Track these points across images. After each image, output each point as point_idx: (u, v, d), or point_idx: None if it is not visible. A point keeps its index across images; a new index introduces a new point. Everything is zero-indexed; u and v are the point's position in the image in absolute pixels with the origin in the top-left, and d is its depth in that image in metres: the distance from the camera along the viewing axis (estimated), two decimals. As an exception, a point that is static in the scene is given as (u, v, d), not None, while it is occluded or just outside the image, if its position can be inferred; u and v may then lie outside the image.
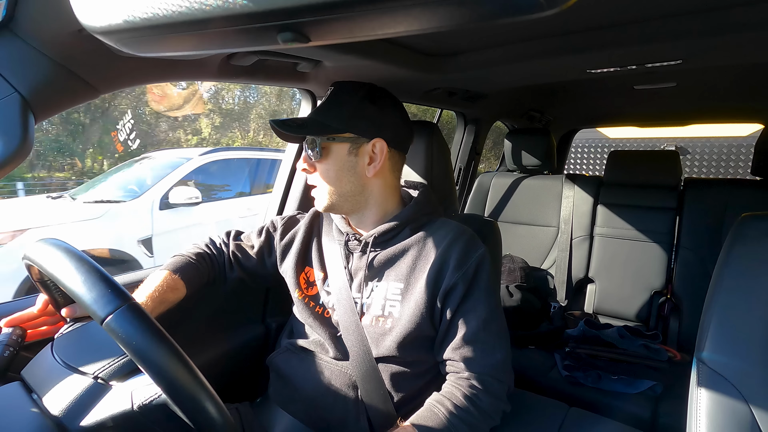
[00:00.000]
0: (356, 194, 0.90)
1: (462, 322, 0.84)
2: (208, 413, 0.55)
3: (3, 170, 0.61)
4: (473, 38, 1.03)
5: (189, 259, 0.97)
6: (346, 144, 0.87)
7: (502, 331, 0.88)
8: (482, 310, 0.85)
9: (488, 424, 0.84)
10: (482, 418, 0.82)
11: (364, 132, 0.87)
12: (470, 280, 0.85)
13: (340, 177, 0.88)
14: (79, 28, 0.60)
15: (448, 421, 0.79)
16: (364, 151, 0.88)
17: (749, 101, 1.98)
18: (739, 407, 0.66)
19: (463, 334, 0.84)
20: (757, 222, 0.75)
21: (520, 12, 0.36)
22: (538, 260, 2.05)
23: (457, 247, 0.87)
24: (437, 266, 0.86)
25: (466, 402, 0.81)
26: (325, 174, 0.88)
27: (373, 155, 0.88)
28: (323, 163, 0.88)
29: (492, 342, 0.85)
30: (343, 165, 0.88)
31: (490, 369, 0.84)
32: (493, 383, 0.83)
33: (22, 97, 0.63)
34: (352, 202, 0.91)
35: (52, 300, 0.78)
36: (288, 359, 0.97)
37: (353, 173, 0.88)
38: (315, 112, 0.90)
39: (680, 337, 1.66)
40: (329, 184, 0.89)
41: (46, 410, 0.61)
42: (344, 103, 0.87)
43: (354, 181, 0.89)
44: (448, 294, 0.85)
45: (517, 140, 2.18)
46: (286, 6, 0.38)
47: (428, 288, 0.85)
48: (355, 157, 0.88)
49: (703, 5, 0.78)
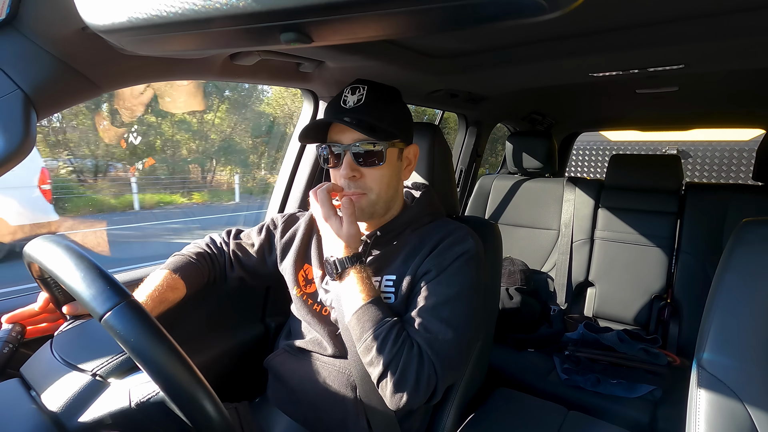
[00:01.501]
0: (394, 198, 0.92)
1: (424, 296, 0.81)
2: (206, 411, 0.55)
3: (5, 167, 0.62)
4: (476, 40, 1.03)
5: (189, 258, 0.97)
6: (396, 149, 0.88)
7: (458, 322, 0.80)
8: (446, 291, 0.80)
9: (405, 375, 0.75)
10: (406, 361, 0.75)
11: (408, 137, 0.91)
12: (444, 267, 0.83)
13: (391, 182, 0.88)
14: (83, 26, 0.60)
15: (381, 331, 0.75)
16: (405, 155, 0.91)
17: (751, 106, 1.98)
18: (738, 412, 0.66)
19: (422, 306, 0.80)
20: (758, 227, 0.75)
21: (522, 15, 0.36)
22: (538, 263, 2.05)
23: (446, 240, 0.88)
24: (423, 255, 0.87)
25: (406, 338, 0.76)
26: (379, 180, 0.86)
27: (408, 160, 0.92)
28: (380, 168, 0.85)
29: (446, 324, 0.78)
30: (394, 170, 0.89)
31: (440, 344, 0.77)
32: (434, 359, 0.76)
33: (25, 94, 0.63)
34: (388, 206, 0.92)
35: (53, 297, 0.78)
36: (286, 360, 0.97)
37: (398, 178, 0.91)
38: (361, 112, 0.83)
39: (680, 342, 1.65)
40: (381, 190, 0.87)
41: (44, 407, 0.61)
42: (390, 107, 0.88)
43: (397, 186, 0.91)
44: (421, 278, 0.84)
45: (518, 143, 2.18)
46: (289, 6, 0.39)
47: (410, 274, 0.86)
48: (400, 162, 0.90)
49: (705, 10, 0.78)
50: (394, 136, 0.86)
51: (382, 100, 0.86)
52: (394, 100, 0.90)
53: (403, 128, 0.89)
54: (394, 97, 0.90)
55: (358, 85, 0.87)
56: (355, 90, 0.86)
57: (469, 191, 2.28)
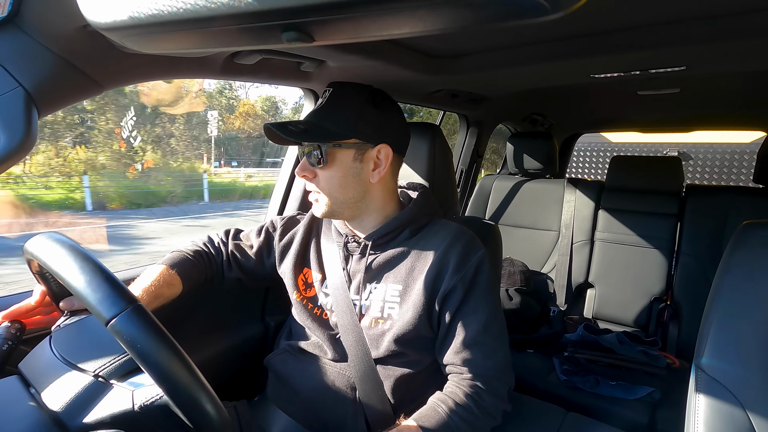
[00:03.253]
0: (358, 201, 0.88)
1: (462, 325, 0.84)
2: (207, 412, 0.55)
3: (6, 164, 0.62)
4: (477, 41, 1.03)
5: (187, 255, 0.96)
6: (351, 150, 0.85)
7: (501, 331, 0.88)
8: (482, 313, 0.85)
9: (490, 423, 0.84)
10: (484, 417, 0.82)
11: (369, 137, 0.85)
12: (469, 283, 0.85)
13: (343, 184, 0.86)
14: (84, 24, 0.60)
15: (450, 419, 0.79)
16: (369, 156, 0.86)
17: (753, 108, 1.97)
18: (737, 415, 0.66)
19: (464, 337, 0.84)
20: (759, 230, 0.75)
21: (524, 15, 0.36)
22: (538, 264, 2.05)
23: (456, 249, 0.87)
24: (436, 268, 0.86)
25: (468, 401, 0.81)
26: (328, 181, 0.85)
27: (377, 161, 0.87)
28: (327, 169, 0.85)
29: (492, 344, 0.85)
30: (347, 171, 0.85)
31: (492, 370, 0.84)
32: (495, 383, 0.84)
33: (26, 92, 0.63)
34: (353, 208, 0.89)
35: (50, 291, 0.78)
36: (286, 360, 0.97)
37: (358, 180, 0.86)
38: (316, 115, 0.86)
39: (679, 344, 1.65)
40: (332, 191, 0.86)
41: (45, 405, 0.61)
42: (348, 106, 0.85)
43: (357, 188, 0.87)
44: (447, 297, 0.85)
45: (519, 143, 2.18)
46: (290, 5, 0.38)
47: (426, 290, 0.85)
48: (360, 163, 0.86)
49: (708, 12, 0.78)
50: (340, 136, 0.83)
51: (339, 99, 0.85)
52: (354, 98, 0.85)
53: (357, 127, 0.84)
54: (355, 95, 0.85)
55: (328, 88, 0.87)
56: (325, 93, 0.87)
57: (469, 192, 2.28)
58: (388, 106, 0.89)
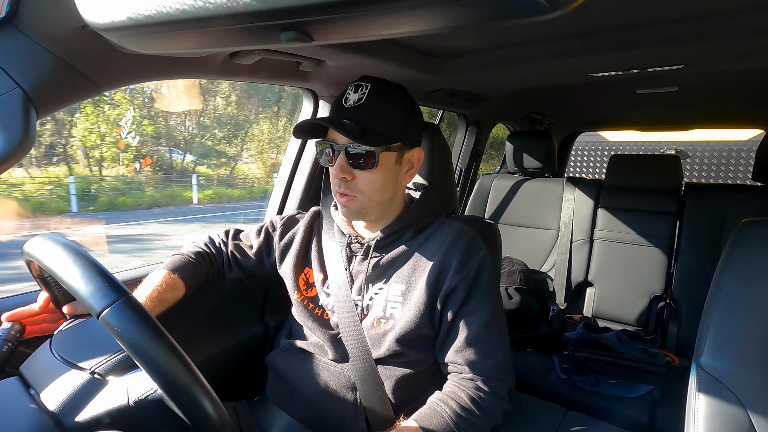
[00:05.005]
0: (389, 201, 0.90)
1: (463, 324, 0.85)
2: (204, 409, 0.55)
3: (4, 165, 0.61)
4: (476, 40, 1.03)
5: (188, 258, 0.96)
6: (395, 153, 0.85)
7: (503, 331, 0.88)
8: (483, 312, 0.85)
9: (490, 423, 0.84)
10: (485, 417, 0.82)
11: (411, 142, 0.87)
12: (471, 283, 0.85)
13: (384, 186, 0.86)
14: (83, 25, 0.60)
15: (451, 419, 0.79)
16: (406, 159, 0.88)
17: (751, 106, 1.98)
18: (737, 413, 0.66)
19: (465, 336, 0.84)
20: (758, 228, 0.75)
21: (523, 14, 0.36)
22: (537, 263, 2.05)
23: (458, 248, 0.87)
24: (438, 268, 0.86)
25: (468, 401, 0.81)
26: (371, 183, 0.84)
27: (410, 163, 0.89)
28: (373, 172, 0.83)
29: (493, 343, 0.85)
30: (389, 174, 0.85)
31: (492, 370, 0.84)
32: (495, 383, 0.84)
33: (25, 93, 0.63)
34: (382, 209, 0.90)
35: (53, 297, 0.78)
36: (287, 359, 0.97)
37: (394, 182, 0.87)
38: (360, 113, 0.81)
39: (679, 342, 1.66)
40: (372, 192, 0.85)
41: (44, 405, 0.61)
42: (392, 108, 0.84)
43: (392, 190, 0.88)
44: (449, 296, 0.85)
45: (518, 142, 2.18)
46: (289, 5, 0.38)
47: (429, 289, 0.85)
48: (399, 166, 0.87)
49: (706, 10, 0.78)
50: (392, 139, 0.83)
51: (384, 99, 0.82)
52: (398, 99, 0.85)
53: (404, 131, 0.85)
54: (398, 96, 0.85)
55: (362, 82, 0.83)
56: (358, 88, 0.83)
57: (468, 191, 2.28)
58: (419, 110, 0.92)
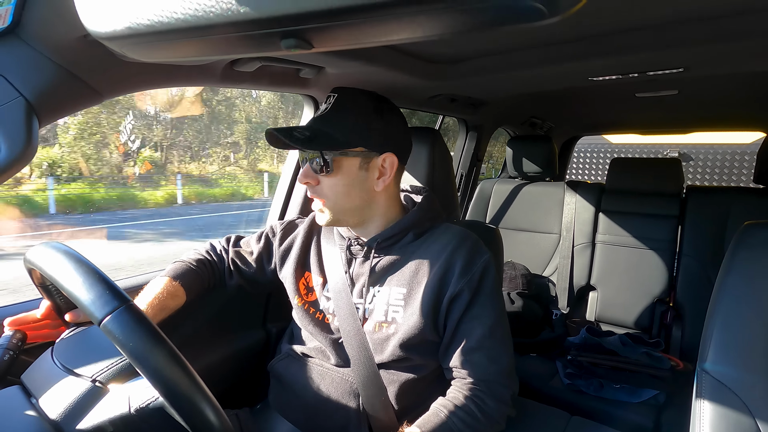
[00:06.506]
0: (363, 208, 0.88)
1: (467, 329, 0.84)
2: (206, 417, 0.55)
3: (7, 173, 0.62)
4: (476, 45, 1.03)
5: (189, 265, 0.97)
6: (357, 158, 0.84)
7: (506, 336, 0.88)
8: (488, 317, 0.85)
9: (494, 429, 0.83)
10: (488, 422, 0.81)
11: (375, 146, 0.85)
12: (475, 287, 0.85)
13: (349, 192, 0.85)
14: (85, 34, 0.61)
15: (454, 424, 0.78)
16: (374, 165, 0.86)
17: (752, 109, 1.98)
18: (743, 417, 0.65)
19: (470, 341, 0.83)
20: (760, 230, 0.75)
21: (522, 20, 0.37)
22: (539, 267, 2.04)
23: (462, 252, 0.86)
24: (441, 272, 0.85)
25: (472, 407, 0.80)
26: (333, 189, 0.85)
27: (382, 169, 0.87)
28: (332, 177, 0.83)
29: (498, 348, 0.85)
30: (353, 180, 0.85)
31: (496, 375, 0.84)
32: (499, 388, 0.83)
33: (27, 101, 0.63)
34: (357, 216, 0.89)
35: (55, 305, 0.78)
36: (288, 365, 0.97)
37: (362, 188, 0.86)
38: (320, 121, 0.84)
39: (683, 346, 1.64)
40: (336, 198, 0.85)
41: (45, 414, 0.61)
42: (354, 114, 0.84)
43: (362, 196, 0.87)
44: (453, 301, 0.84)
45: (518, 147, 2.18)
46: (289, 13, 0.39)
47: (432, 293, 0.84)
48: (366, 172, 0.85)
49: (705, 13, 0.79)
50: (347, 144, 0.82)
51: (343, 107, 0.84)
52: (361, 106, 0.84)
53: (365, 136, 0.83)
54: (362, 102, 0.85)
55: (332, 93, 0.85)
56: (328, 98, 0.86)
57: (469, 196, 2.28)
58: (392, 114, 0.89)
